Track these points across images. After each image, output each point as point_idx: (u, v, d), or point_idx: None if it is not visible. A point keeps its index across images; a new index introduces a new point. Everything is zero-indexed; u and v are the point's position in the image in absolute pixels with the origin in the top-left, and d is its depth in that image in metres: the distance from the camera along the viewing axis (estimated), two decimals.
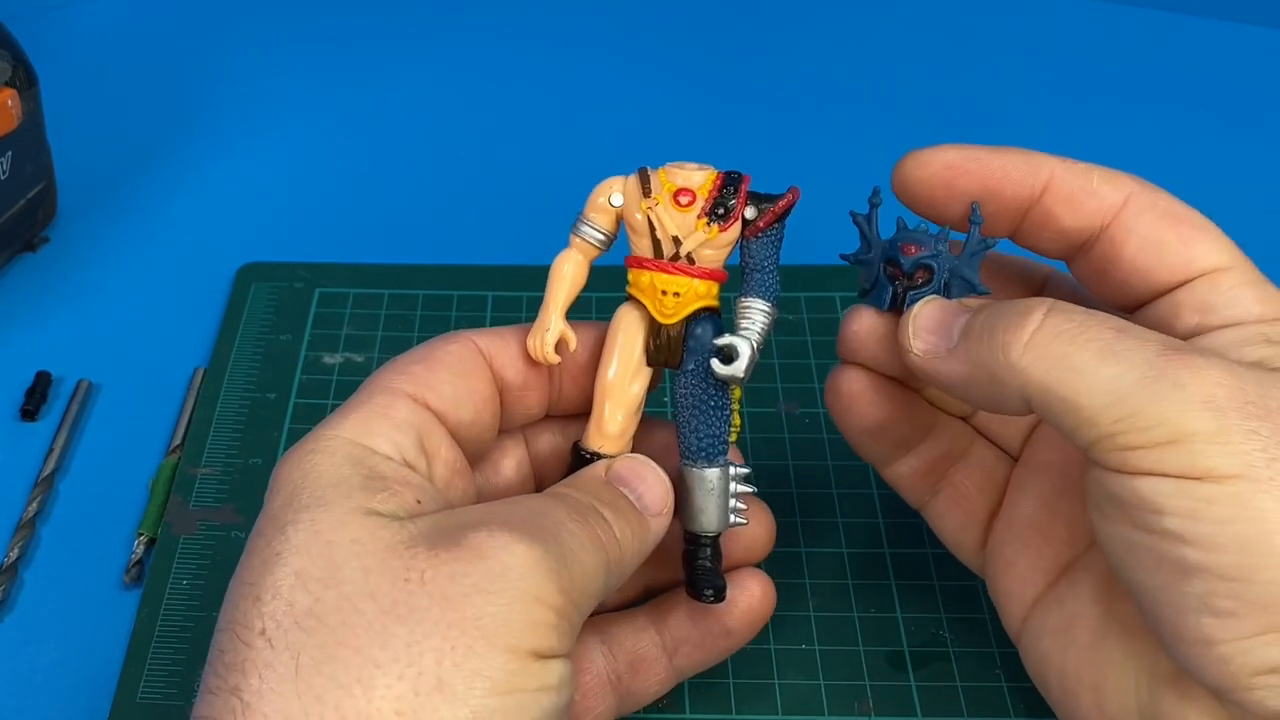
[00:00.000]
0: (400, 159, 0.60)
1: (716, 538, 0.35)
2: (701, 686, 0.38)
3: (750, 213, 0.34)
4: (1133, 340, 0.29)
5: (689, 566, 0.35)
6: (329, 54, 0.67)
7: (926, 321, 0.33)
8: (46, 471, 0.45)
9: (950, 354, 0.32)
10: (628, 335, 0.35)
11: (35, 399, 0.47)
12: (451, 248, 0.54)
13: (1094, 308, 0.31)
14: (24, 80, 0.50)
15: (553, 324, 0.34)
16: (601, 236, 0.35)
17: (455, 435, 0.33)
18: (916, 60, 0.67)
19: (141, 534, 0.43)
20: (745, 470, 0.35)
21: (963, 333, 0.32)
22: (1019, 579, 0.35)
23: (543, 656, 0.28)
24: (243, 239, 0.55)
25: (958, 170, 0.34)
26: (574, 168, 0.59)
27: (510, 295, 0.51)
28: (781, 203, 0.34)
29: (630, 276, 0.35)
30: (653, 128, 0.62)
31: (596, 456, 0.35)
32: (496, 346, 0.35)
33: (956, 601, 0.41)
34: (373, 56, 0.67)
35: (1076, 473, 0.35)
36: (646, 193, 0.34)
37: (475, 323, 0.50)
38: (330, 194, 0.58)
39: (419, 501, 0.30)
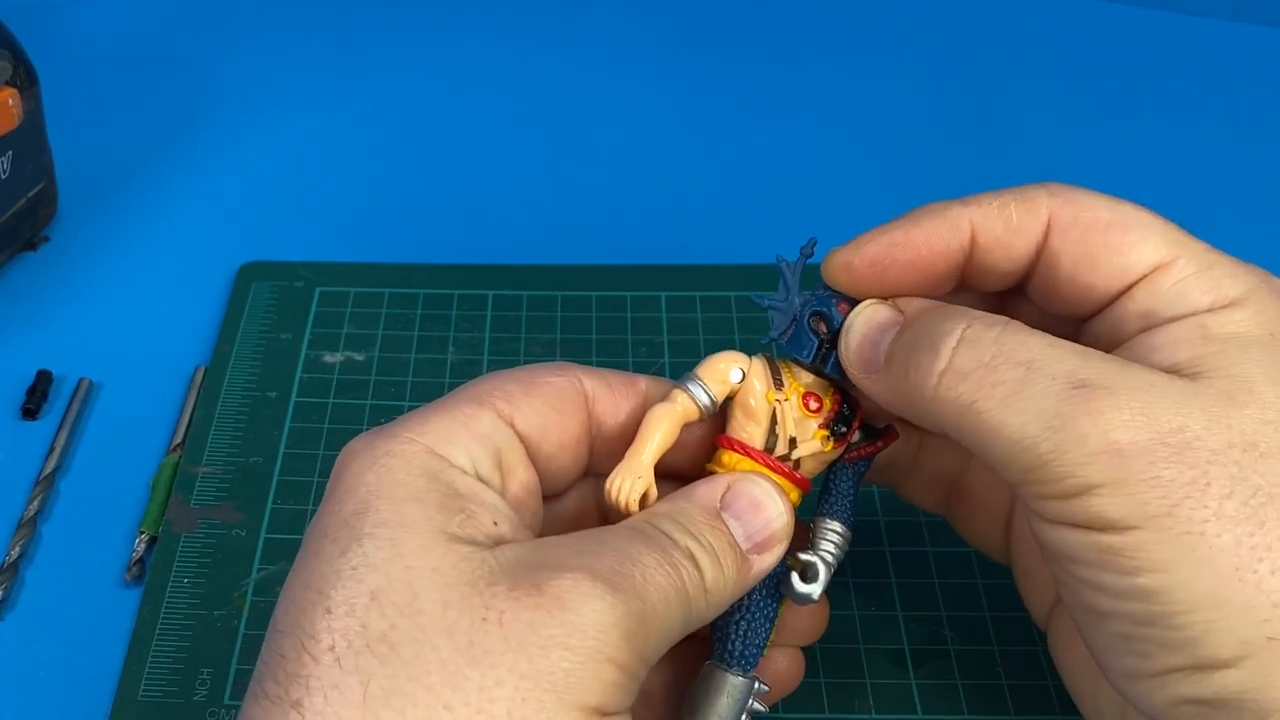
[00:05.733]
0: (401, 158, 0.60)
1: None
2: None
3: (856, 438, 0.34)
4: (1041, 379, 0.28)
5: None
6: (329, 53, 0.67)
7: (857, 342, 0.32)
8: (47, 470, 0.45)
9: (878, 377, 0.32)
10: None
11: (36, 398, 0.47)
12: (451, 248, 0.54)
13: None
14: (24, 80, 0.50)
15: (646, 473, 0.32)
16: (708, 403, 0.33)
17: (535, 462, 0.32)
18: (916, 61, 0.67)
19: (142, 532, 0.43)
20: (766, 689, 0.34)
21: (885, 359, 0.32)
22: (1039, 582, 0.36)
23: (606, 715, 0.27)
24: (243, 238, 0.55)
25: (884, 263, 0.32)
26: (574, 168, 0.60)
27: (510, 295, 0.51)
28: (884, 440, 0.34)
29: (725, 458, 0.33)
30: (653, 128, 0.62)
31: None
32: (602, 392, 0.33)
33: (957, 600, 0.41)
34: (373, 55, 0.67)
35: None
36: (778, 384, 0.33)
37: (475, 322, 0.50)
38: (331, 193, 0.58)
39: (495, 523, 0.30)
